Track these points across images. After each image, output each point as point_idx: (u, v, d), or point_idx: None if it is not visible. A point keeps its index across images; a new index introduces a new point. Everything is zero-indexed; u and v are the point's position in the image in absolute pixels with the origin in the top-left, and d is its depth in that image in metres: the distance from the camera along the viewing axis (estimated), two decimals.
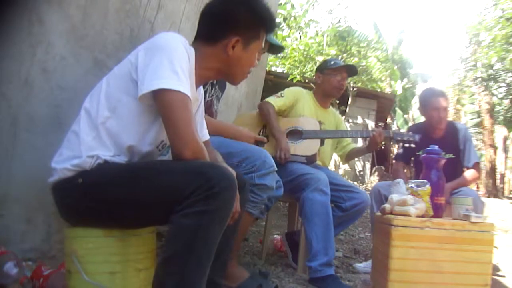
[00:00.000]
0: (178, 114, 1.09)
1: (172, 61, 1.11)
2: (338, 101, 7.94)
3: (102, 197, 1.12)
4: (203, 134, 1.45)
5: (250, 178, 1.70)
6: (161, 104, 1.11)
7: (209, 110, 2.04)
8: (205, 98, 2.00)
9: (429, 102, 2.61)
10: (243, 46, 1.29)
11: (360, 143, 7.05)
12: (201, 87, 1.44)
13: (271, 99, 2.44)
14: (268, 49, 2.32)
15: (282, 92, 2.51)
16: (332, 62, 2.55)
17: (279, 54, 9.74)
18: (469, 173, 2.55)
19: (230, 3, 1.30)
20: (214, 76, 1.37)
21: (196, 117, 1.35)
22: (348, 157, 2.70)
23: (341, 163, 7.65)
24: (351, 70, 2.61)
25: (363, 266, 2.48)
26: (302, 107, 2.47)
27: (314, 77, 2.87)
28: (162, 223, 1.12)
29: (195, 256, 1.01)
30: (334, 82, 2.52)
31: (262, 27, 1.33)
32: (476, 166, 2.58)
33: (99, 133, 1.15)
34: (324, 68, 2.56)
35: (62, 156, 1.17)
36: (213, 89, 2.06)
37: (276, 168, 1.79)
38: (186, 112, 1.10)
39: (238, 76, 1.37)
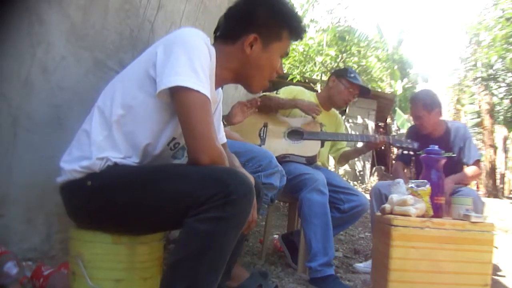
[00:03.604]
0: (196, 116, 1.04)
1: (192, 59, 1.06)
2: None
3: (112, 201, 1.08)
4: (220, 137, 1.39)
5: (257, 177, 1.70)
6: (179, 103, 1.05)
7: None
8: None
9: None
10: (262, 45, 1.23)
11: (360, 145, 7.04)
12: (220, 88, 1.39)
13: (266, 94, 2.45)
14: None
15: (277, 90, 2.51)
16: (353, 75, 2.52)
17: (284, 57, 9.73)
18: (470, 169, 2.53)
19: (252, 3, 1.26)
20: (232, 78, 1.30)
21: (214, 119, 1.27)
22: (342, 158, 2.69)
23: None
24: (364, 91, 2.60)
25: (363, 266, 2.48)
26: None
27: (313, 77, 2.88)
28: (173, 228, 1.08)
29: (208, 262, 0.98)
30: (345, 94, 2.50)
31: (284, 27, 1.27)
32: (477, 163, 2.56)
33: (112, 132, 1.12)
34: (342, 76, 2.52)
35: (72, 156, 1.14)
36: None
37: (280, 169, 1.80)
38: (205, 114, 1.05)
39: (255, 81, 1.29)
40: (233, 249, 1.21)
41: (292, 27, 1.29)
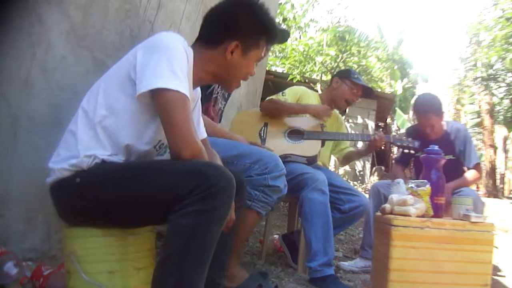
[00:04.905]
0: (176, 114, 1.09)
1: (171, 61, 1.11)
2: None
3: (100, 197, 1.12)
4: (200, 132, 1.45)
5: (263, 179, 1.71)
6: (160, 103, 1.11)
7: (214, 108, 2.04)
8: (211, 95, 2.00)
9: (416, 117, 2.63)
10: (242, 52, 1.30)
11: (360, 144, 7.05)
12: (198, 87, 1.44)
13: (274, 97, 2.44)
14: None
15: (283, 91, 2.51)
16: (356, 76, 2.55)
17: (280, 55, 9.76)
18: (470, 174, 2.54)
19: (233, 9, 1.31)
20: (210, 79, 1.37)
21: (193, 116, 1.35)
22: (345, 159, 2.70)
23: None
24: (367, 92, 2.61)
25: (348, 264, 2.49)
26: None
27: (313, 77, 2.88)
28: (160, 223, 1.11)
29: (194, 255, 1.01)
30: (348, 94, 2.51)
31: (262, 36, 1.33)
32: (477, 166, 2.57)
33: (96, 133, 1.15)
34: (346, 77, 2.54)
35: (60, 156, 1.17)
36: (220, 86, 2.05)
37: (285, 172, 1.79)
38: (184, 112, 1.11)
39: (233, 83, 1.38)
40: (224, 243, 1.24)
41: (270, 35, 1.35)
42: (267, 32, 1.34)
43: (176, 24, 2.12)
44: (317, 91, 2.91)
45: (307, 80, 7.94)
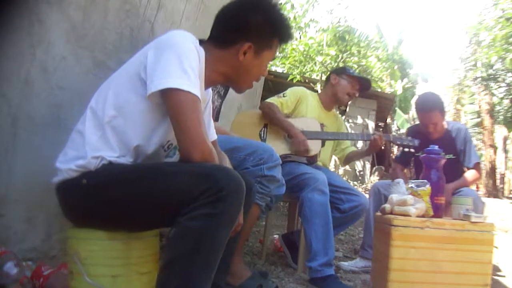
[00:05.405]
0: (187, 115, 1.07)
1: (182, 60, 1.09)
2: None
3: (107, 199, 1.10)
4: (211, 134, 1.43)
5: (259, 170, 1.70)
6: (170, 104, 1.09)
7: None
8: None
9: (418, 116, 2.63)
10: (255, 53, 1.27)
11: (360, 144, 7.06)
12: (209, 88, 1.42)
13: (273, 99, 2.43)
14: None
15: (284, 92, 2.51)
16: (351, 71, 2.60)
17: (280, 55, 9.76)
18: (470, 174, 2.54)
19: (246, 9, 1.28)
20: (222, 80, 1.35)
21: (204, 117, 1.32)
22: (347, 159, 2.70)
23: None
24: (365, 85, 2.61)
25: (348, 264, 2.49)
26: (305, 108, 2.47)
27: (313, 77, 2.89)
28: (168, 225, 1.10)
29: (202, 259, 1.00)
30: (348, 88, 2.52)
31: (276, 36, 1.31)
32: (477, 166, 2.57)
33: (105, 133, 1.14)
34: (343, 73, 2.57)
35: (67, 156, 1.16)
36: (218, 86, 2.05)
37: (281, 161, 1.79)
38: (195, 113, 1.08)
39: (245, 84, 1.36)
40: (228, 246, 1.22)
41: (282, 35, 1.33)
42: (280, 32, 1.31)
43: (176, 24, 2.12)
44: (317, 91, 2.91)
45: (307, 80, 7.94)
